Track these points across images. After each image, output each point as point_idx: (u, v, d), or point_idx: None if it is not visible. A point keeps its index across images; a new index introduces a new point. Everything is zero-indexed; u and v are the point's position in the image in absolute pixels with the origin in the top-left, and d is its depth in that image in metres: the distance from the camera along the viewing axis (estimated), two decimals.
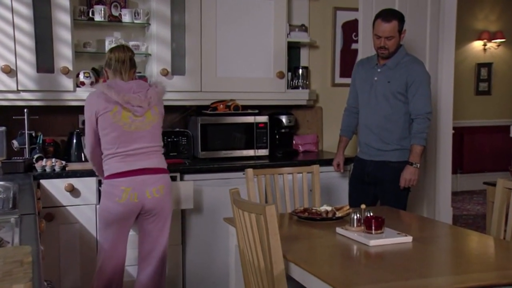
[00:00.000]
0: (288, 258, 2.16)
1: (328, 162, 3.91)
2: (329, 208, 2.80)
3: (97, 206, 3.32)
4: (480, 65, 7.83)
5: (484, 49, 7.82)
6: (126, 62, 2.96)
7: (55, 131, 3.92)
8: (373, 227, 2.39)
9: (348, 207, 2.82)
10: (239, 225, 2.31)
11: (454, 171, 7.33)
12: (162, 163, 3.01)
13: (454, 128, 4.53)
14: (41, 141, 3.71)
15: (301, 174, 3.32)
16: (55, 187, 3.34)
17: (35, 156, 3.54)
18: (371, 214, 2.44)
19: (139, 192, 2.86)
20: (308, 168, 3.34)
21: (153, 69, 3.89)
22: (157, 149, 3.00)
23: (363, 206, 2.51)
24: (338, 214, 2.76)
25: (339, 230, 2.50)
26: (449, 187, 4.55)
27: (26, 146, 3.62)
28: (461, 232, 2.72)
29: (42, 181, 3.32)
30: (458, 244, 2.55)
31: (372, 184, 3.55)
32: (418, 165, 3.39)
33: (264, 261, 2.15)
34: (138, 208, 2.89)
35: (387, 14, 3.37)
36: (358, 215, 2.47)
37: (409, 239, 2.36)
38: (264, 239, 2.10)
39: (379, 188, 3.53)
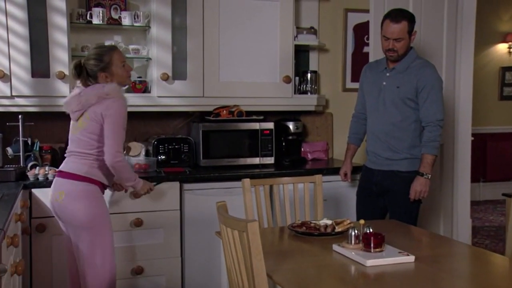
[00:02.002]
0: (274, 280, 1.97)
1: (336, 171, 3.70)
2: (329, 222, 2.60)
3: None
4: (505, 69, 7.52)
5: (509, 52, 7.51)
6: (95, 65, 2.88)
7: (53, 138, 3.80)
8: (371, 245, 2.19)
9: (349, 221, 2.61)
10: (225, 242, 2.14)
11: (477, 180, 7.07)
12: (76, 169, 2.78)
13: (476, 135, 4.29)
14: (37, 148, 3.60)
15: (303, 184, 3.12)
16: (48, 197, 3.20)
17: (30, 164, 3.43)
18: (371, 230, 2.24)
19: (52, 194, 2.86)
20: (311, 178, 3.14)
21: (153, 74, 3.74)
22: (81, 156, 2.80)
23: (361, 221, 2.31)
24: (338, 228, 2.55)
25: (335, 247, 2.31)
26: (468, 198, 4.31)
27: (21, 153, 3.50)
28: (472, 251, 2.49)
29: (34, 190, 3.20)
30: (465, 266, 2.33)
31: (380, 195, 3.34)
32: (430, 175, 3.16)
33: (248, 281, 1.97)
34: (52, 209, 2.89)
35: (396, 15, 3.16)
36: (356, 231, 2.27)
37: (411, 259, 2.15)
38: (247, 258, 1.92)
39: (388, 200, 3.31)
